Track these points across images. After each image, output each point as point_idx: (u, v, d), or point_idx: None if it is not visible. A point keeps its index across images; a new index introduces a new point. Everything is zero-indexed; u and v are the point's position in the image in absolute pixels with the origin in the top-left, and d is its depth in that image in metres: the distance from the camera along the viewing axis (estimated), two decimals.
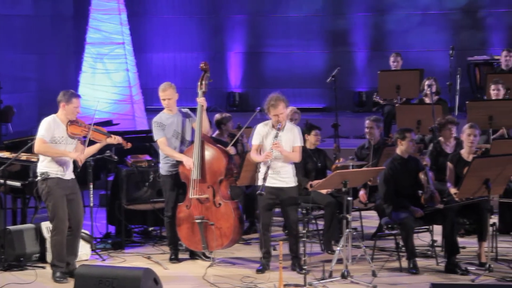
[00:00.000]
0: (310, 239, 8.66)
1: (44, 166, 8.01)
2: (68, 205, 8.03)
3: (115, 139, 8.17)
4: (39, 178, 8.04)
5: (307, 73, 16.25)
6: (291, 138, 8.19)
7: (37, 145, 7.95)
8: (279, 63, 16.43)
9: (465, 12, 15.76)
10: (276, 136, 8.09)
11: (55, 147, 7.96)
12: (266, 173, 8.04)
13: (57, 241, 8.05)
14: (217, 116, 10.34)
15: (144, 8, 16.68)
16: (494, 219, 9.12)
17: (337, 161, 9.39)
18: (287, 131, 8.20)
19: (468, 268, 8.18)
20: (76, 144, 8.07)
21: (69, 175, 8.10)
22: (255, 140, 8.27)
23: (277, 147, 8.05)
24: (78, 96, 8.11)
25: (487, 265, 8.02)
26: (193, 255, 8.85)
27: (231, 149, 9.57)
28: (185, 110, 8.77)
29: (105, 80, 13.64)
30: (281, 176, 8.18)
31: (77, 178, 8.24)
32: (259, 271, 8.23)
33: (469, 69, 14.51)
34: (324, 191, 9.02)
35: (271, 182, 8.12)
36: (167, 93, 8.61)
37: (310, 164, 9.36)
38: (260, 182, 8.14)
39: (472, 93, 14.28)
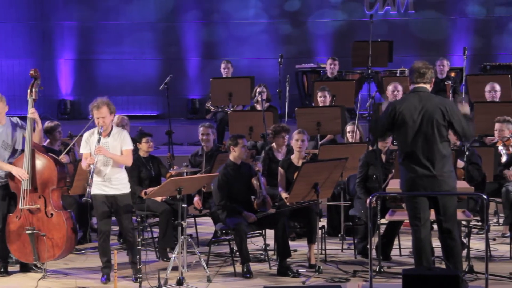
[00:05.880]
0: (145, 247, 8.63)
1: None
2: None
3: None
4: None
5: (139, 81, 16.18)
6: (119, 143, 8.14)
7: None
8: (111, 71, 16.26)
9: (293, 21, 16.24)
10: (98, 141, 8.01)
11: None
12: (91, 179, 7.96)
13: None
14: (47, 124, 10.11)
15: None
16: (323, 222, 9.46)
17: (171, 169, 9.42)
18: (114, 136, 8.14)
19: (299, 270, 8.43)
20: None
21: None
22: (82, 149, 8.17)
23: (99, 151, 7.98)
24: None
25: (317, 267, 8.31)
26: (24, 268, 8.60)
27: (64, 158, 9.41)
28: (15, 119, 8.52)
29: None
30: (113, 183, 8.12)
31: None
32: (104, 281, 8.13)
33: (297, 76, 14.93)
34: (159, 199, 9.03)
35: (104, 190, 8.06)
36: None
37: (144, 172, 9.33)
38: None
39: (301, 100, 14.73)
